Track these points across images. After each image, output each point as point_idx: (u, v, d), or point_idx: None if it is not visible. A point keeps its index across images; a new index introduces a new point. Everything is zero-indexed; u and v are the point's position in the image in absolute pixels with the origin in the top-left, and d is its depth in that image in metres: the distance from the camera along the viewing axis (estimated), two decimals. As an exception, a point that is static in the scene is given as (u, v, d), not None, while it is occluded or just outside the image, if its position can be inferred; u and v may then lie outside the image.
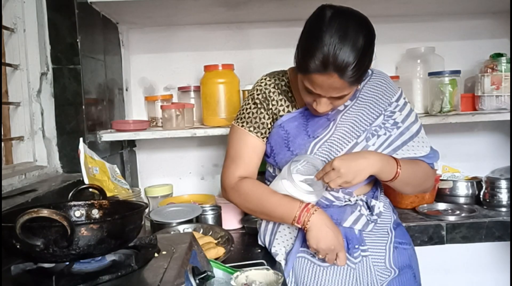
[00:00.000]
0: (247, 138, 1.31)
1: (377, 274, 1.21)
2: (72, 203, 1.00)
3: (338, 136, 1.26)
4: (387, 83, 1.33)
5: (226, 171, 1.31)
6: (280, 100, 1.31)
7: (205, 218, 1.63)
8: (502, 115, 1.78)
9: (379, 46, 2.19)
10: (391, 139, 1.27)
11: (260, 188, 1.26)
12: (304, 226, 1.17)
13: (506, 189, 1.77)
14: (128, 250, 0.91)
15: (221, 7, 1.77)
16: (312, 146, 1.25)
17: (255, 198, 1.25)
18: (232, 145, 1.33)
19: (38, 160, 1.51)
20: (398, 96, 1.32)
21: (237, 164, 1.30)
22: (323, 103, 1.17)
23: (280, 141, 1.28)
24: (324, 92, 1.13)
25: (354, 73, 1.09)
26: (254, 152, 1.31)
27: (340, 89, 1.13)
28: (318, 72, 1.09)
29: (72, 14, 1.51)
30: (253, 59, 2.06)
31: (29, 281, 0.81)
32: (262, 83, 1.33)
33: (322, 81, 1.11)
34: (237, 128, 1.33)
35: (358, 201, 1.28)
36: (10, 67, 1.45)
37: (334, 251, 1.16)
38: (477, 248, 2.15)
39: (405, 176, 1.22)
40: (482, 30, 2.09)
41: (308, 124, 1.28)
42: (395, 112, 1.29)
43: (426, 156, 1.30)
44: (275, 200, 1.21)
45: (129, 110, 2.08)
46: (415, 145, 1.29)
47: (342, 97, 1.17)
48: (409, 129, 1.28)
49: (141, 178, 2.13)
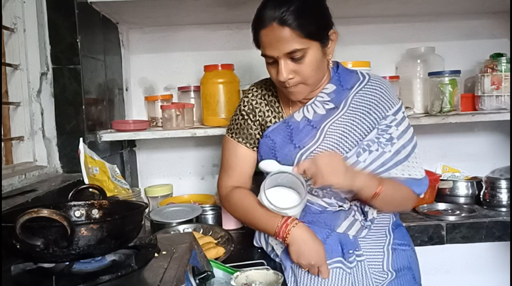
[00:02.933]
0: (238, 149, 1.32)
1: (373, 277, 1.20)
2: (72, 203, 1.00)
3: (326, 147, 1.21)
4: (384, 91, 1.26)
5: (220, 181, 1.36)
6: (267, 111, 1.30)
7: (205, 218, 1.63)
8: (502, 115, 1.78)
9: (379, 46, 2.20)
10: (385, 158, 1.20)
11: (246, 200, 1.26)
12: (284, 240, 1.17)
13: (506, 189, 1.77)
14: (128, 250, 0.91)
15: (221, 7, 1.77)
16: (299, 156, 1.22)
17: (242, 209, 1.27)
18: (224, 156, 1.36)
19: (38, 160, 1.51)
20: (396, 109, 1.25)
21: (229, 175, 1.33)
22: (283, 67, 1.13)
23: (268, 151, 1.28)
24: (275, 50, 1.12)
25: (294, 18, 1.08)
26: (245, 163, 1.33)
27: (288, 41, 1.10)
28: (262, 28, 1.12)
29: (72, 14, 1.51)
30: (253, 59, 2.06)
31: (29, 281, 0.81)
32: (249, 95, 1.33)
33: (268, 38, 1.12)
34: (228, 139, 1.35)
35: (353, 206, 1.26)
36: (10, 67, 1.45)
37: (315, 266, 1.15)
38: (477, 248, 2.14)
39: (385, 198, 1.17)
40: (482, 30, 2.09)
41: (293, 133, 1.25)
42: (391, 126, 1.22)
43: (418, 181, 1.23)
44: (259, 213, 1.21)
45: (129, 110, 2.08)
46: (410, 165, 1.23)
47: (299, 58, 1.12)
48: (405, 148, 1.22)
49: (141, 178, 2.13)
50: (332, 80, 1.27)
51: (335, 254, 1.20)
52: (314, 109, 1.25)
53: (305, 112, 1.26)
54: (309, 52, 1.13)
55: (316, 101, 1.26)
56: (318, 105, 1.25)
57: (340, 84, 1.26)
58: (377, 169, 1.21)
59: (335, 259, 1.20)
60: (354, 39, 2.02)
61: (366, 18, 2.02)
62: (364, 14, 1.97)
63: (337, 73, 1.28)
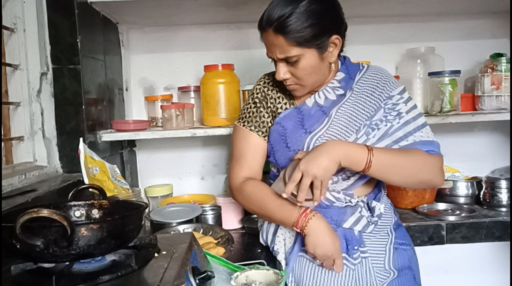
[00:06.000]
0: (249, 137, 1.32)
1: (376, 275, 1.21)
2: (72, 203, 1.00)
3: (336, 131, 1.24)
4: (382, 75, 1.31)
5: (231, 172, 1.34)
6: (278, 98, 1.32)
7: (205, 218, 1.63)
8: (502, 115, 1.78)
9: (379, 46, 2.20)
10: (393, 129, 1.23)
11: (261, 191, 1.26)
12: (302, 231, 1.17)
13: (506, 189, 1.77)
14: (128, 250, 0.91)
15: (221, 7, 1.77)
16: (308, 140, 1.24)
17: (257, 200, 1.26)
18: (236, 145, 1.35)
19: (38, 160, 1.51)
20: (401, 89, 1.29)
21: (241, 165, 1.32)
22: (279, 68, 1.21)
23: (278, 138, 1.29)
24: (271, 52, 1.19)
25: (288, 27, 1.12)
26: (257, 151, 1.32)
27: (281, 47, 1.16)
28: (262, 30, 1.19)
29: (72, 14, 1.51)
30: (253, 59, 2.06)
31: (29, 281, 0.81)
32: (261, 82, 1.36)
33: (267, 40, 1.19)
34: (239, 128, 1.35)
35: (359, 202, 1.27)
36: (10, 67, 1.45)
37: (331, 258, 1.16)
38: (477, 248, 2.14)
39: (383, 164, 1.15)
40: (482, 30, 2.09)
41: (304, 118, 1.27)
42: (399, 103, 1.26)
43: (428, 142, 1.22)
44: (275, 204, 1.21)
45: (129, 110, 2.08)
46: (420, 135, 1.22)
47: (294, 62, 1.17)
48: (416, 120, 1.24)
49: (141, 178, 2.13)
50: (341, 69, 1.32)
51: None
52: (326, 95, 1.29)
53: (317, 98, 1.29)
54: (304, 57, 1.17)
55: (328, 87, 1.29)
56: (329, 91, 1.29)
57: (348, 73, 1.31)
58: (386, 142, 1.22)
59: None
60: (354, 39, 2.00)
61: (366, 18, 2.02)
62: (364, 14, 1.97)
63: (344, 63, 1.33)
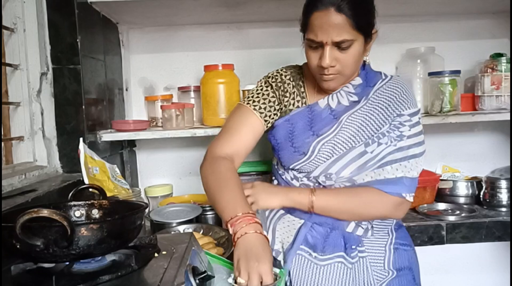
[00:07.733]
0: (249, 115, 1.26)
1: (374, 274, 1.21)
2: (72, 203, 1.00)
3: (344, 138, 1.22)
4: (403, 90, 1.26)
5: (216, 142, 1.25)
6: (293, 93, 1.29)
7: (205, 218, 1.63)
8: (502, 115, 1.78)
9: (379, 46, 2.20)
10: (387, 152, 1.20)
11: (227, 177, 1.16)
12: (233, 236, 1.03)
13: (506, 189, 1.77)
14: (128, 250, 0.91)
15: (221, 7, 1.77)
16: (315, 144, 1.23)
17: (216, 183, 1.15)
18: (229, 121, 1.28)
19: (38, 160, 1.51)
20: (413, 111, 1.25)
21: (230, 135, 1.24)
22: (327, 53, 1.14)
23: (285, 136, 1.27)
24: (325, 35, 1.11)
25: (352, 8, 1.10)
26: (252, 131, 1.26)
27: (340, 29, 1.11)
28: (317, 9, 1.11)
29: (72, 14, 1.51)
30: (253, 59, 2.06)
31: (29, 281, 0.81)
32: (279, 72, 1.32)
33: (321, 20, 1.11)
34: (242, 105, 1.29)
35: None
36: (10, 67, 1.45)
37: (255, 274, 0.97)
38: (477, 248, 2.15)
39: (327, 206, 1.20)
40: (482, 30, 2.09)
41: (313, 120, 1.25)
42: (405, 125, 1.22)
43: (386, 181, 1.20)
44: (228, 198, 1.11)
45: (129, 110, 2.08)
46: (407, 166, 1.21)
47: (346, 47, 1.14)
48: (409, 149, 1.21)
49: (141, 178, 2.13)
50: (360, 75, 1.29)
51: (338, 249, 1.21)
52: (339, 99, 1.26)
53: (330, 100, 1.26)
54: (355, 44, 1.15)
55: (342, 91, 1.27)
56: (343, 95, 1.26)
57: (366, 80, 1.29)
58: (377, 162, 1.20)
59: (337, 254, 1.20)
60: (354, 39, 2.02)
61: (366, 18, 2.01)
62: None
63: (364, 70, 1.31)
